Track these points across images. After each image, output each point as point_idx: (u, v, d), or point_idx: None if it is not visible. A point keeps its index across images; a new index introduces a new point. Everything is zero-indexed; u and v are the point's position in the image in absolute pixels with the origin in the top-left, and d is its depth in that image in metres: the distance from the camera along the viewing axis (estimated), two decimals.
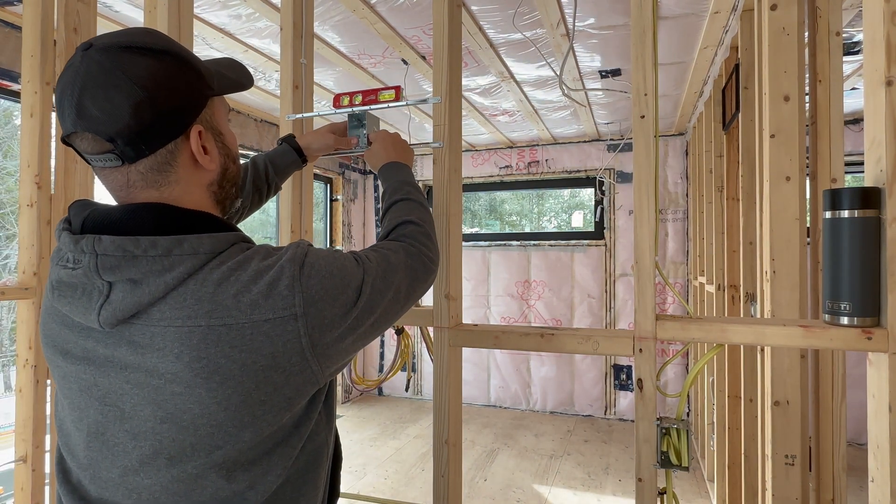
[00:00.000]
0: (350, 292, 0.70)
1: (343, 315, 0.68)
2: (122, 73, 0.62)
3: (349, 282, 0.70)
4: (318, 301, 0.66)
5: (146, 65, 0.63)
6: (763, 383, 1.36)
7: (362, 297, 0.71)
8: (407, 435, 4.23)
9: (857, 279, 0.94)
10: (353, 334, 0.70)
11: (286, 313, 0.63)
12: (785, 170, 1.33)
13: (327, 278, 0.68)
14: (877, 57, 0.92)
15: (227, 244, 0.68)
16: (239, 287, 0.63)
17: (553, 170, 4.77)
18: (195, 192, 0.71)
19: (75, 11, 1.53)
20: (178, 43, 0.70)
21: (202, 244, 0.65)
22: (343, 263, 0.72)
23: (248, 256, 0.67)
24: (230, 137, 0.76)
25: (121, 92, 0.61)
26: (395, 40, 2.50)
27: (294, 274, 0.65)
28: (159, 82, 0.63)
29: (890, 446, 0.89)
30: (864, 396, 1.05)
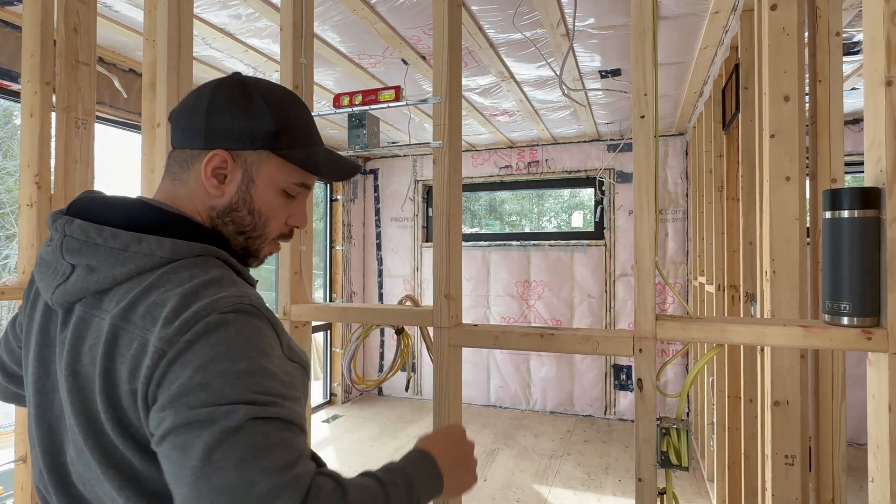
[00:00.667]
0: (203, 392, 0.56)
1: (176, 397, 0.56)
2: (212, 89, 0.73)
3: (225, 383, 0.57)
4: (187, 362, 0.57)
5: (233, 93, 0.73)
6: (763, 383, 1.36)
7: (216, 409, 0.55)
8: (407, 435, 4.23)
9: (856, 279, 0.94)
10: (162, 426, 0.56)
11: (161, 345, 0.58)
12: (785, 170, 1.33)
13: (216, 344, 0.58)
14: (877, 57, 0.92)
15: (191, 253, 0.67)
16: (158, 297, 0.62)
17: (553, 170, 4.77)
18: (198, 204, 0.74)
19: (75, 11, 1.53)
20: (287, 97, 0.77)
21: (161, 247, 0.65)
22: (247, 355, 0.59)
23: (193, 275, 0.64)
24: (267, 197, 0.75)
25: (204, 94, 0.73)
26: (395, 40, 2.50)
27: (199, 315, 0.59)
28: (224, 105, 0.72)
29: (890, 446, 0.89)
30: (864, 396, 1.05)
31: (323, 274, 5.13)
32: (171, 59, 1.47)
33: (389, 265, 5.35)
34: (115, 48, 2.65)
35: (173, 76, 1.47)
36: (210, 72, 2.95)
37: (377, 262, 5.39)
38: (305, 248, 1.53)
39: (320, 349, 5.20)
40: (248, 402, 0.57)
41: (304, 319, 1.48)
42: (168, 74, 1.46)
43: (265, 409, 0.57)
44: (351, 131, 1.43)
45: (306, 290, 1.52)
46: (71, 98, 1.66)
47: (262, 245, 0.79)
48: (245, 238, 0.77)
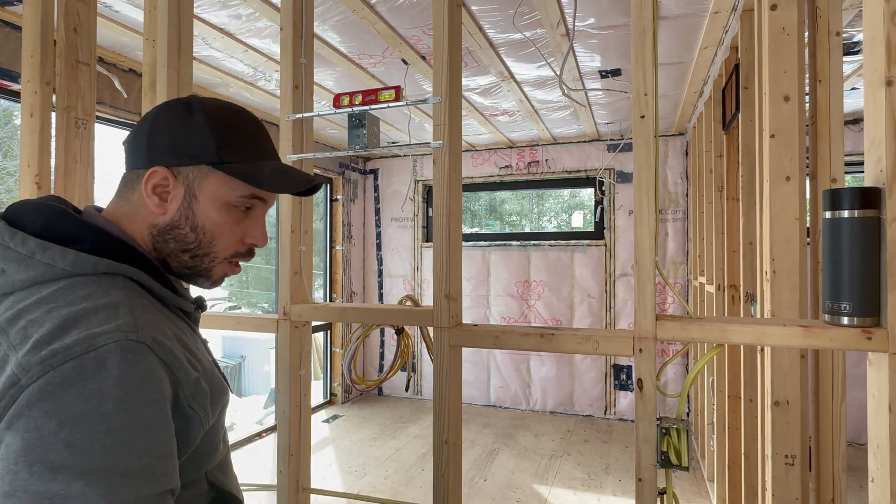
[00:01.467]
0: (54, 440, 0.51)
1: (24, 450, 0.51)
2: (157, 109, 0.75)
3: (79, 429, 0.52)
4: (41, 399, 0.52)
5: (174, 112, 0.74)
6: (763, 383, 1.36)
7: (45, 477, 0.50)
8: (407, 435, 4.23)
9: (857, 279, 0.94)
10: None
11: (17, 371, 0.54)
12: (785, 170, 1.33)
13: (86, 398, 0.53)
14: (877, 57, 0.92)
15: (94, 270, 0.64)
16: (42, 315, 0.58)
17: (553, 170, 4.77)
18: (139, 221, 0.73)
19: (75, 11, 1.52)
20: (233, 113, 0.77)
21: (64, 259, 0.63)
22: (118, 418, 0.54)
23: (89, 294, 0.61)
24: (210, 214, 0.73)
25: (146, 116, 0.75)
26: (395, 40, 2.50)
27: (67, 353, 0.54)
28: (165, 125, 0.73)
29: (890, 446, 0.89)
30: (864, 396, 1.05)
31: (323, 274, 5.13)
32: (171, 59, 1.47)
33: (389, 265, 5.35)
34: (115, 48, 2.65)
35: (173, 76, 1.47)
36: (210, 72, 2.95)
37: (377, 262, 5.39)
38: (305, 248, 1.53)
39: (320, 349, 5.21)
40: (111, 481, 0.52)
41: (304, 319, 1.48)
42: (168, 74, 1.46)
43: (139, 483, 0.54)
44: (351, 131, 1.43)
45: (306, 290, 1.52)
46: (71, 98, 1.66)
47: (212, 265, 0.76)
48: (191, 256, 0.74)
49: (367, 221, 5.44)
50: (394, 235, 5.33)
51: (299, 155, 1.49)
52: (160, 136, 0.72)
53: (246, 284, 10.68)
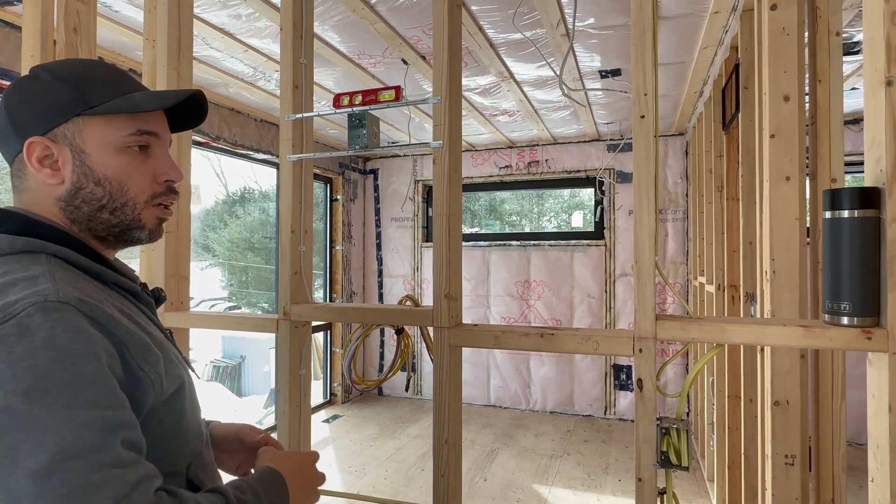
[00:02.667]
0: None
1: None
2: (4, 93, 0.71)
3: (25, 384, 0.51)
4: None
5: (21, 85, 0.71)
6: (763, 383, 1.36)
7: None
8: (407, 435, 4.23)
9: (857, 279, 0.94)
10: None
11: None
12: (785, 170, 1.33)
13: (20, 357, 0.52)
14: (877, 57, 0.92)
15: (10, 249, 0.63)
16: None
17: (553, 170, 4.77)
18: (44, 202, 0.71)
19: (75, 11, 1.52)
20: (80, 63, 0.74)
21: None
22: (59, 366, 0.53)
23: (9, 270, 0.60)
24: (107, 161, 0.71)
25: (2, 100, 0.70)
26: (395, 40, 2.50)
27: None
28: (17, 99, 0.70)
29: (890, 446, 0.89)
30: (864, 396, 1.05)
31: (323, 274, 5.13)
32: (171, 59, 1.47)
33: (389, 265, 5.35)
34: (115, 48, 2.65)
35: (173, 76, 1.47)
36: (210, 72, 2.95)
37: (377, 262, 5.39)
38: (305, 248, 1.53)
39: (320, 349, 5.21)
40: (60, 429, 0.50)
41: (304, 319, 1.48)
42: (168, 74, 1.46)
43: (81, 438, 0.51)
44: (351, 131, 1.43)
45: (306, 290, 1.52)
46: None
47: (137, 213, 0.74)
48: (110, 212, 0.72)
49: (367, 221, 5.44)
50: (394, 235, 5.33)
51: (299, 155, 1.49)
52: (20, 113, 0.69)
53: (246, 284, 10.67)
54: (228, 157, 3.88)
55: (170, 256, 1.61)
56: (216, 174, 11.47)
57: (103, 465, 0.51)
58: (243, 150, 3.77)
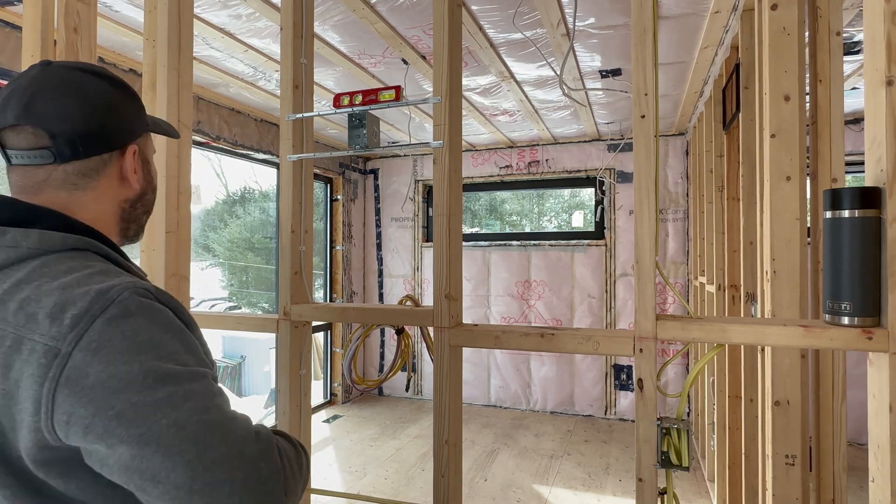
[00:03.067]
0: (136, 367, 0.55)
1: (113, 393, 0.54)
2: (78, 85, 0.70)
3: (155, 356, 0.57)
4: (95, 353, 0.55)
5: (102, 86, 0.72)
6: (763, 383, 1.36)
7: (150, 392, 0.55)
8: (407, 435, 4.23)
9: (857, 279, 0.94)
10: (104, 427, 0.54)
11: (52, 343, 0.55)
12: (785, 170, 1.33)
13: (133, 339, 0.56)
14: (877, 57, 0.92)
15: (62, 245, 0.64)
16: (32, 292, 0.58)
17: (553, 170, 4.77)
18: (105, 202, 0.74)
19: (75, 11, 1.52)
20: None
21: (27, 238, 0.63)
22: (166, 340, 0.59)
23: (72, 268, 0.61)
24: (155, 170, 0.83)
25: (75, 99, 0.69)
26: (395, 40, 2.50)
27: (94, 308, 0.56)
28: (109, 101, 0.72)
29: (890, 446, 0.89)
30: (864, 396, 1.05)
31: (323, 274, 5.13)
32: (171, 59, 1.47)
33: (390, 265, 5.35)
34: (115, 48, 2.65)
35: (173, 76, 1.47)
36: (210, 72, 2.95)
37: (377, 262, 5.39)
38: (305, 248, 1.53)
39: (320, 349, 5.21)
40: (195, 378, 0.59)
41: (304, 319, 1.48)
42: (168, 74, 1.46)
43: (209, 383, 0.60)
44: (351, 131, 1.43)
45: (306, 290, 1.52)
46: None
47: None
48: (147, 216, 0.81)
49: (367, 221, 5.43)
50: (394, 235, 5.33)
51: (299, 155, 1.49)
52: (115, 116, 0.73)
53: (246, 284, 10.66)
54: (229, 157, 3.88)
55: (170, 256, 1.61)
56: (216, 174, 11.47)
57: (228, 403, 0.61)
58: (243, 150, 3.77)
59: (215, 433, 0.56)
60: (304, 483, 0.68)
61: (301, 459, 0.68)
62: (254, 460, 0.57)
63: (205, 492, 0.54)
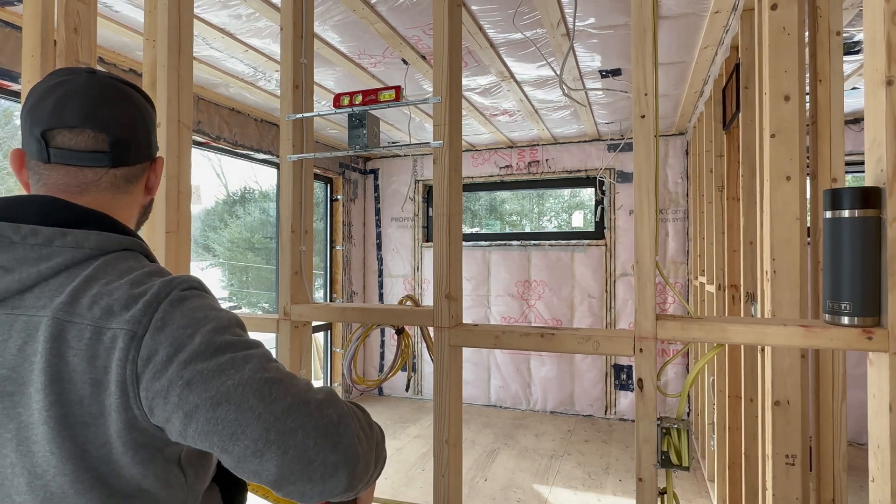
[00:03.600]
0: (198, 339, 0.61)
1: (181, 364, 0.59)
2: (132, 98, 0.76)
3: (217, 331, 0.62)
4: (161, 330, 0.60)
5: (143, 101, 0.79)
6: (763, 383, 1.36)
7: (213, 359, 0.60)
8: (407, 435, 4.23)
9: (857, 279, 0.94)
10: (178, 395, 0.58)
11: (130, 328, 0.59)
12: (785, 169, 1.33)
13: (192, 316, 0.62)
14: (877, 57, 0.92)
15: (118, 246, 0.68)
16: (102, 288, 0.62)
17: (553, 170, 4.77)
18: (135, 207, 0.80)
19: (75, 11, 1.52)
20: None
21: (88, 239, 0.66)
22: (221, 315, 0.65)
23: (132, 266, 0.66)
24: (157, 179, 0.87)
25: (134, 108, 0.76)
26: (395, 40, 2.50)
27: (161, 294, 0.62)
28: (150, 115, 0.80)
29: (890, 446, 0.89)
30: (864, 396, 1.05)
31: (323, 274, 5.13)
32: (171, 59, 1.47)
33: (390, 265, 5.35)
34: (115, 48, 2.65)
35: (173, 76, 1.47)
36: (210, 72, 2.95)
37: (377, 262, 5.39)
38: (305, 248, 1.53)
39: (320, 349, 5.21)
40: (251, 346, 0.64)
41: (304, 319, 1.48)
42: (168, 74, 1.46)
43: (265, 350, 0.65)
44: (351, 131, 1.43)
45: (307, 290, 1.52)
46: None
47: None
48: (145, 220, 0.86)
49: (367, 221, 5.43)
50: (394, 235, 5.33)
51: (299, 155, 1.49)
52: (152, 129, 0.80)
53: (246, 284, 10.66)
54: (229, 157, 3.88)
55: (170, 256, 1.61)
56: (216, 174, 11.45)
57: (283, 368, 0.65)
58: (243, 150, 3.77)
59: (278, 387, 0.60)
60: (380, 451, 0.73)
61: (370, 419, 0.74)
62: (320, 407, 0.62)
63: (281, 440, 0.58)
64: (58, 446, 0.58)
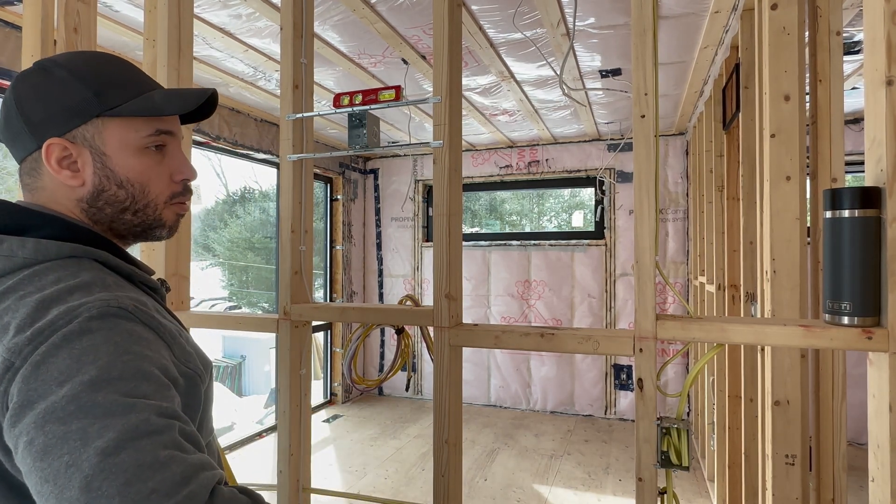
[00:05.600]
0: (66, 390, 0.51)
1: (34, 419, 0.51)
2: (12, 87, 0.68)
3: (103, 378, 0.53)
4: (36, 368, 0.52)
5: (33, 81, 0.68)
6: (763, 383, 1.36)
7: (65, 424, 0.50)
8: (407, 435, 4.23)
9: (857, 279, 0.94)
10: (21, 452, 0.51)
11: (8, 356, 0.53)
12: (785, 169, 1.33)
13: (77, 359, 0.53)
14: (877, 56, 0.92)
15: (58, 254, 0.62)
16: (13, 303, 0.57)
17: (553, 170, 4.77)
18: (63, 202, 0.70)
19: (75, 11, 1.52)
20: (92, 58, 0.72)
21: (23, 247, 0.61)
22: (115, 363, 0.54)
23: (59, 278, 0.60)
24: (128, 163, 0.70)
25: (11, 97, 0.68)
26: (395, 40, 2.50)
27: (57, 323, 0.54)
28: (32, 96, 0.68)
29: (890, 446, 0.89)
30: (864, 396, 1.05)
31: (323, 274, 5.13)
32: (171, 59, 1.47)
33: (390, 265, 5.35)
34: (115, 48, 2.65)
35: (173, 76, 1.47)
36: (210, 72, 2.95)
37: (377, 262, 5.39)
38: (305, 248, 1.53)
39: (320, 349, 5.21)
40: (126, 414, 0.51)
41: (304, 319, 1.48)
42: (168, 74, 1.46)
43: (145, 419, 0.52)
44: (351, 131, 1.43)
45: (306, 289, 1.52)
46: None
47: (157, 213, 0.74)
48: (132, 214, 0.72)
49: (367, 221, 5.43)
50: (394, 235, 5.33)
51: (299, 154, 1.49)
52: (34, 111, 0.67)
53: (246, 284, 10.66)
54: (229, 157, 3.88)
55: (170, 256, 1.61)
56: (216, 174, 11.47)
57: (167, 445, 0.52)
58: (243, 149, 3.77)
59: (113, 481, 0.48)
60: None
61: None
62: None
63: None
64: None
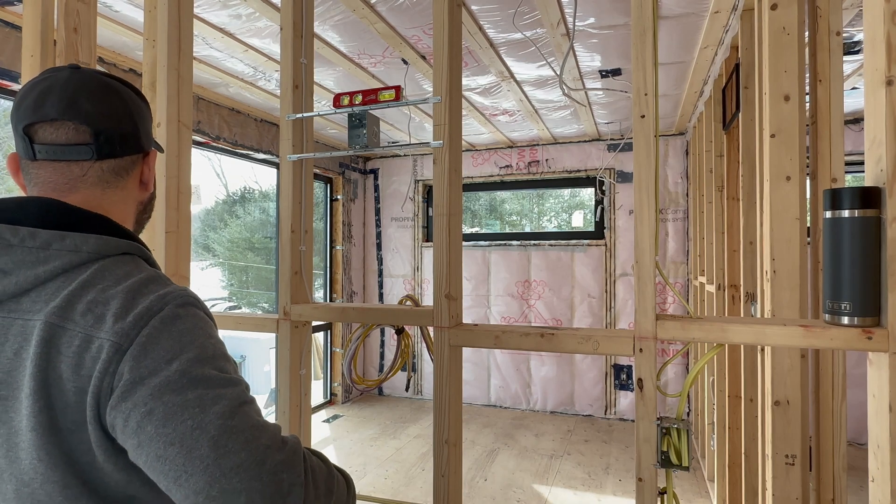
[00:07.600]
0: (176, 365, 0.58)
1: (150, 391, 0.57)
2: (117, 90, 0.74)
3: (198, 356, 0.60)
4: (144, 347, 0.58)
5: (131, 94, 0.77)
6: (763, 383, 1.36)
7: (182, 393, 0.57)
8: (407, 435, 4.23)
9: (857, 279, 0.94)
10: (137, 422, 0.56)
11: (116, 339, 0.58)
12: (785, 169, 1.33)
13: (178, 339, 0.60)
14: (877, 56, 0.92)
15: (116, 250, 0.67)
16: (98, 295, 0.61)
17: (553, 170, 4.77)
18: (130, 203, 0.78)
19: (75, 11, 1.52)
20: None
21: (86, 242, 0.65)
22: (207, 344, 0.63)
23: (129, 272, 0.65)
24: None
25: (118, 100, 0.74)
26: (395, 40, 2.50)
27: (153, 309, 0.61)
28: (139, 107, 0.78)
29: (890, 446, 0.89)
30: (864, 396, 1.05)
31: (323, 274, 5.13)
32: (171, 59, 1.47)
33: (390, 265, 5.35)
34: (115, 48, 2.65)
35: (173, 76, 1.47)
36: (210, 72, 2.95)
37: (377, 262, 5.39)
38: (305, 248, 1.53)
39: (320, 349, 5.20)
40: (228, 384, 0.60)
41: (304, 319, 1.48)
42: (168, 74, 1.46)
43: (242, 390, 0.61)
44: (351, 131, 1.43)
45: (306, 289, 1.52)
46: None
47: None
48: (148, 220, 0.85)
49: (367, 221, 5.43)
50: (394, 235, 5.33)
51: (299, 154, 1.49)
52: (142, 121, 0.78)
53: (246, 284, 10.66)
54: (229, 157, 3.88)
55: (170, 256, 1.61)
56: (216, 174, 11.46)
57: (258, 413, 0.61)
58: (243, 150, 3.77)
59: (237, 439, 0.55)
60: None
61: (332, 482, 0.66)
62: (274, 471, 0.56)
63: (222, 498, 0.53)
64: (46, 453, 0.57)
